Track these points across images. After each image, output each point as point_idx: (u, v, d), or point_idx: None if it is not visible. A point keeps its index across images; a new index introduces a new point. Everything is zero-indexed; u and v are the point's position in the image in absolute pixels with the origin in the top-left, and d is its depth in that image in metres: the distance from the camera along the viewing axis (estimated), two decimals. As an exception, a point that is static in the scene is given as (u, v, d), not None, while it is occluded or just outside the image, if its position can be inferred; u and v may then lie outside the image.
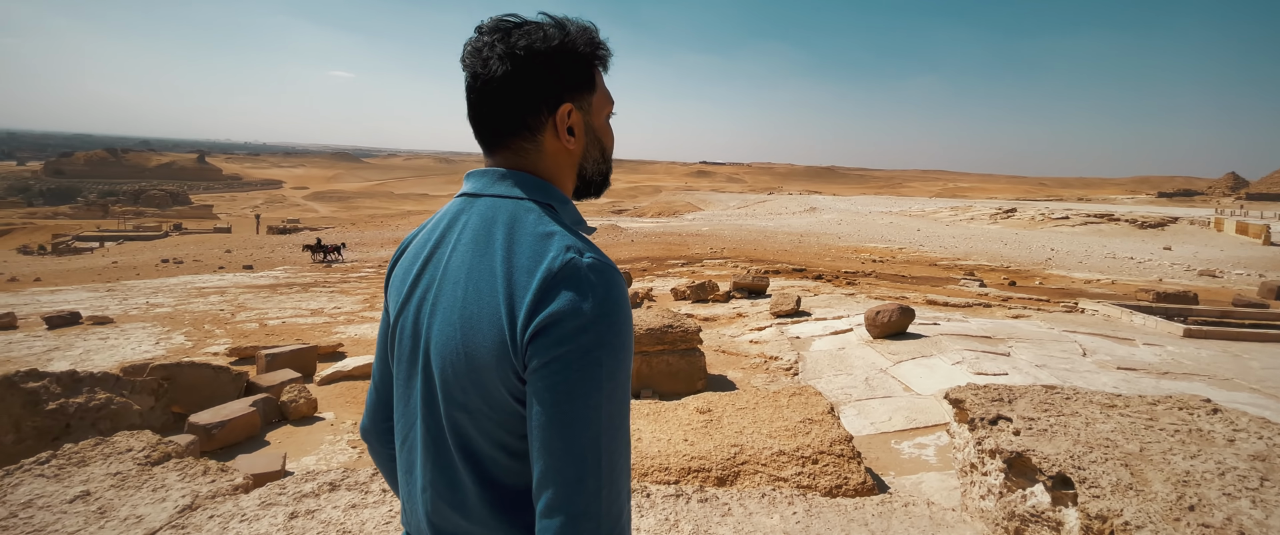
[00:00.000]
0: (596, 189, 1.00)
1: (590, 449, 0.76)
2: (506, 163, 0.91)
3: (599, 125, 0.95)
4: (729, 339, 8.54)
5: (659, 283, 15.19)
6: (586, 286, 0.77)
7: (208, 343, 9.07)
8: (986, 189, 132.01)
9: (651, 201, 64.91)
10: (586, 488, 0.75)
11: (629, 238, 29.33)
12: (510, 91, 0.86)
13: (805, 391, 4.24)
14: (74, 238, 31.29)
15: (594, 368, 0.76)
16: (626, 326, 0.79)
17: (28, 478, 1.89)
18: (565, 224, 0.86)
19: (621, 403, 0.78)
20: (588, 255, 0.80)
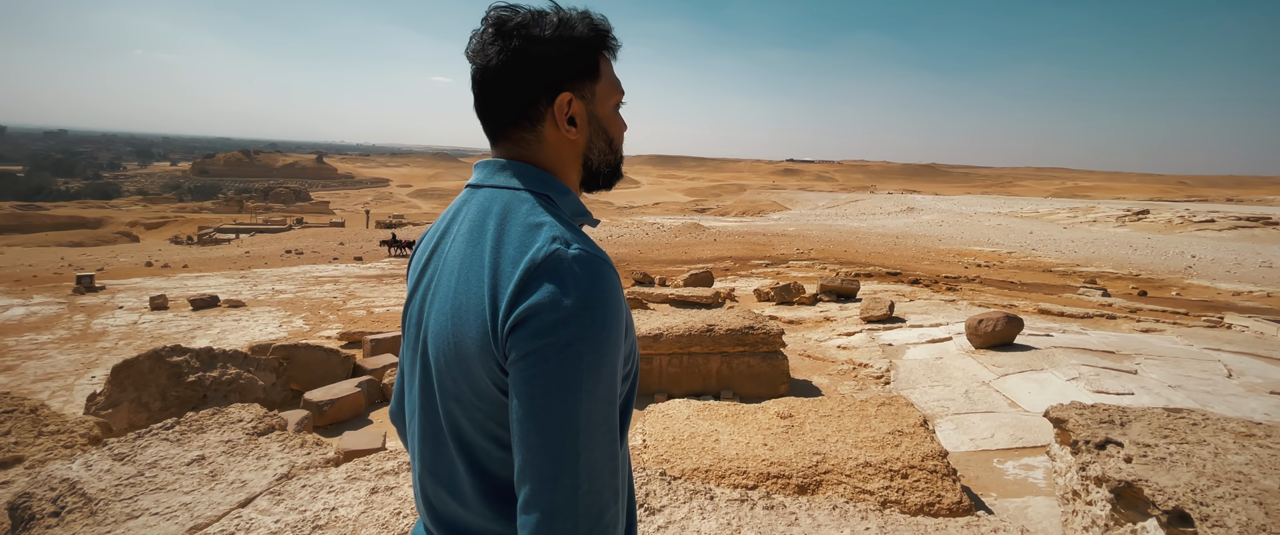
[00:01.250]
0: (605, 180, 0.97)
1: (567, 445, 0.74)
2: (508, 153, 0.90)
3: (604, 115, 0.92)
4: (815, 343, 8.25)
5: (742, 283, 14.94)
6: (569, 278, 0.75)
7: (322, 327, 9.88)
8: (1112, 188, 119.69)
9: (735, 200, 63.99)
10: (562, 484, 0.73)
11: (711, 237, 29.06)
12: (507, 82, 0.86)
13: (896, 402, 4.02)
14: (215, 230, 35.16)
15: (573, 362, 0.74)
16: (613, 321, 0.77)
17: (155, 441, 2.15)
18: (561, 216, 0.85)
19: (604, 400, 0.76)
20: (574, 246, 0.78)
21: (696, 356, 6.11)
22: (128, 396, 5.84)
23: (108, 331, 9.92)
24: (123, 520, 1.72)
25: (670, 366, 6.13)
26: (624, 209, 57.10)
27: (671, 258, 21.30)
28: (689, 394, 6.00)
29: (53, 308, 11.58)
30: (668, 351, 6.08)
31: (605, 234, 29.63)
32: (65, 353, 8.92)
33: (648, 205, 66.14)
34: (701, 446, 3.70)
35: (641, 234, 29.81)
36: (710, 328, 6.09)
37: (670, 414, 4.24)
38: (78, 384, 7.63)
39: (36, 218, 40.83)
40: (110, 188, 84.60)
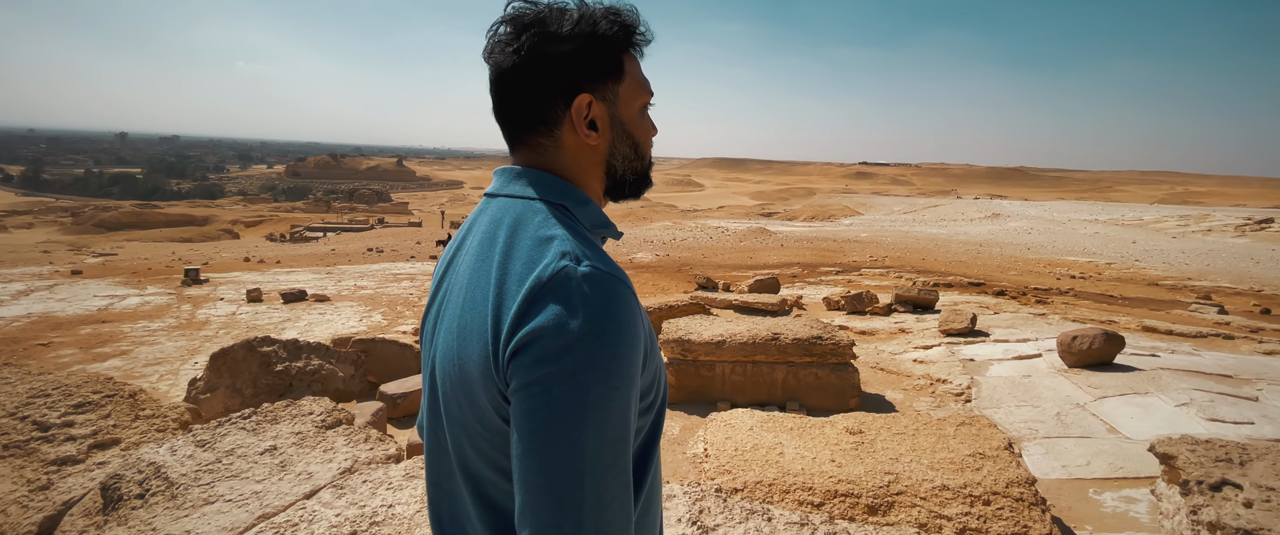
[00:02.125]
0: (632, 188, 0.89)
1: (571, 489, 0.65)
2: (525, 160, 0.84)
3: (629, 118, 0.85)
4: (888, 356, 7.88)
5: (810, 291, 14.52)
6: (577, 299, 0.67)
7: (399, 322, 10.33)
8: (1229, 194, 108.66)
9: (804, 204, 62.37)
10: (564, 533, 0.65)
11: (778, 242, 28.44)
12: (523, 84, 0.80)
13: (977, 422, 3.74)
14: (305, 228, 37.66)
15: (578, 394, 0.65)
16: (626, 348, 0.68)
17: (233, 430, 2.27)
18: (576, 228, 0.78)
19: (615, 437, 0.67)
20: (586, 263, 0.70)
21: (761, 365, 5.94)
22: (224, 382, 6.29)
23: (210, 321, 10.76)
24: (199, 505, 1.82)
25: (733, 375, 6.00)
26: (688, 212, 56.84)
27: (736, 262, 20.98)
28: (753, 403, 5.85)
29: (163, 298, 12.68)
30: (731, 359, 5.95)
31: (669, 236, 29.58)
32: (173, 339, 9.73)
33: (712, 208, 65.58)
34: (765, 459, 3.57)
35: (706, 237, 29.56)
36: (775, 336, 5.92)
37: (733, 424, 4.13)
38: (182, 369, 8.30)
39: (152, 215, 45.06)
40: (215, 188, 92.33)
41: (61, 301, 12.26)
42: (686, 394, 6.08)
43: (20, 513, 2.00)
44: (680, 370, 6.05)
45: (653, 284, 15.40)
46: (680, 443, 5.39)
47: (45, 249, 27.63)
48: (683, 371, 6.05)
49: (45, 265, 19.28)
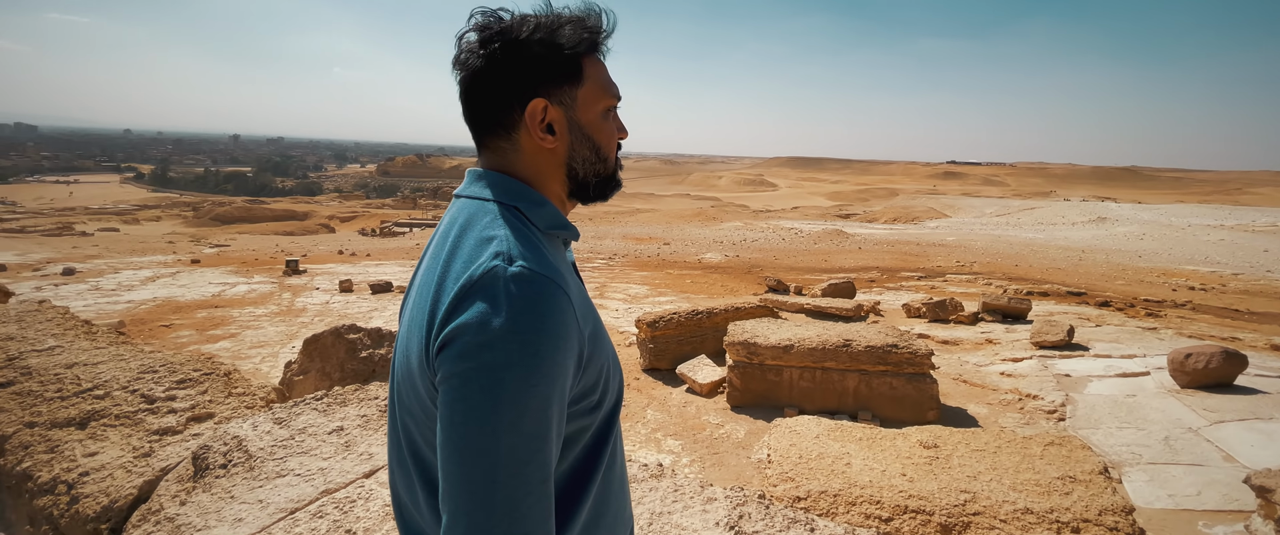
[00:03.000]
0: (597, 190, 0.91)
1: (482, 481, 0.67)
2: (488, 163, 0.87)
3: (588, 121, 0.86)
4: (973, 368, 7.42)
5: (888, 296, 13.89)
6: (503, 298, 0.69)
7: (472, 315, 10.74)
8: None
9: (885, 206, 59.68)
10: (475, 520, 0.67)
11: (855, 244, 27.38)
12: (482, 89, 0.83)
13: (1068, 442, 3.45)
14: (393, 224, 39.93)
15: (494, 390, 0.67)
16: (548, 348, 0.69)
17: (307, 410, 2.43)
18: (522, 230, 0.79)
19: (532, 435, 0.69)
20: (518, 263, 0.72)
21: (831, 372, 5.74)
22: (314, 366, 6.74)
23: (306, 308, 11.58)
24: (272, 477, 1.96)
25: (801, 380, 5.82)
26: (760, 212, 55.74)
27: (809, 265, 20.40)
28: (822, 411, 5.65)
29: (267, 286, 13.77)
30: (799, 364, 5.78)
31: (738, 237, 29.16)
32: (274, 325, 10.55)
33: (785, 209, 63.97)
34: (830, 468, 3.44)
35: (778, 239, 28.91)
36: (847, 342, 5.69)
37: (798, 431, 4.00)
38: (281, 352, 8.97)
39: (260, 210, 49.13)
40: (314, 186, 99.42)
41: (182, 287, 13.57)
42: (752, 398, 5.96)
43: (124, 476, 2.23)
44: (745, 374, 5.93)
45: (721, 285, 15.23)
46: (744, 447, 5.29)
47: (170, 240, 30.71)
48: (748, 375, 5.93)
49: (169, 254, 21.41)
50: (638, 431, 5.62)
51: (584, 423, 0.81)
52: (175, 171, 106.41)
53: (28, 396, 2.70)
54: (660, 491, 2.08)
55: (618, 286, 14.32)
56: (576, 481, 0.83)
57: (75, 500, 2.23)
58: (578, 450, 0.82)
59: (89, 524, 2.19)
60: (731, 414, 5.89)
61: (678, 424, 5.75)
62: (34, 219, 39.36)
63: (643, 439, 5.47)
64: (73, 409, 2.59)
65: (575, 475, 0.82)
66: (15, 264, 18.48)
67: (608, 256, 21.13)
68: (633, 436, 5.52)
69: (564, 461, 0.81)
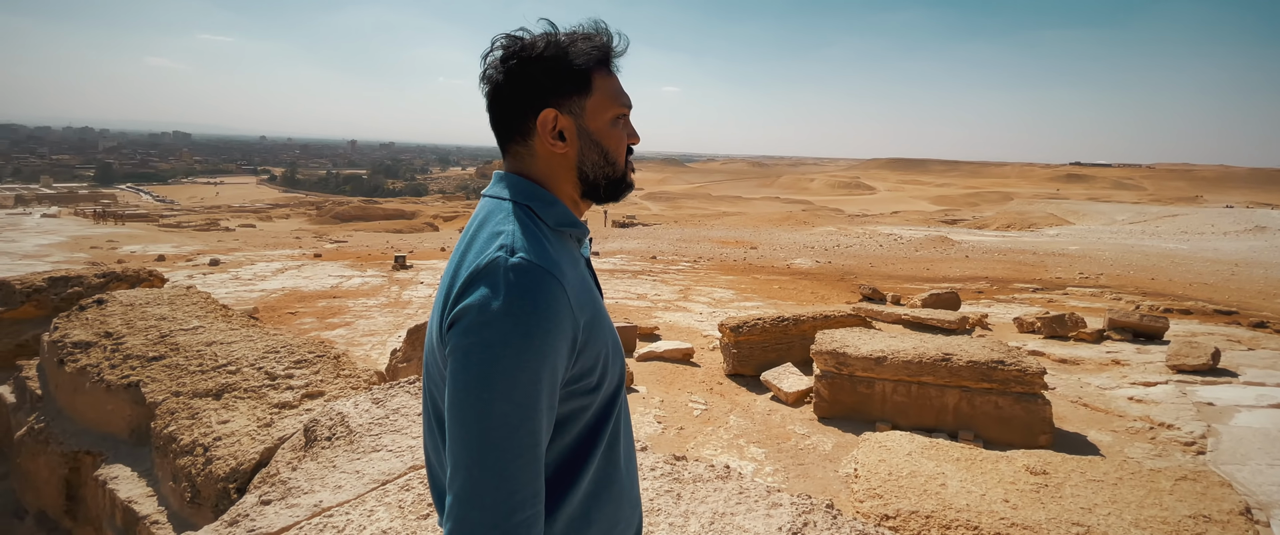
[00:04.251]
0: (607, 192, 1.00)
1: (481, 441, 0.78)
2: (509, 166, 0.98)
3: (597, 128, 0.96)
4: (1094, 391, 6.73)
5: (998, 309, 12.89)
6: (503, 284, 0.80)
7: (561, 313, 11.06)
8: None
9: (997, 211, 55.21)
10: (472, 475, 0.78)
11: (962, 252, 25.58)
12: (502, 101, 0.94)
13: (1205, 478, 3.05)
14: (492, 223, 42.12)
15: (491, 363, 0.78)
16: (538, 330, 0.79)
17: (401, 392, 2.61)
18: (531, 227, 0.88)
19: (521, 404, 0.79)
20: (519, 255, 0.82)
21: (928, 387, 5.40)
22: (417, 354, 7.21)
23: (412, 301, 12.39)
24: (368, 452, 2.12)
25: (895, 395, 5.52)
26: (855, 217, 53.28)
27: (909, 274, 19.30)
28: (917, 428, 5.33)
29: (378, 280, 14.87)
30: (892, 378, 5.48)
31: (831, 242, 28.09)
32: (383, 315, 11.37)
33: (883, 214, 60.76)
34: (923, 488, 3.23)
35: (874, 245, 27.58)
36: (946, 356, 5.33)
37: (888, 446, 3.80)
38: (388, 340, 9.65)
39: (373, 210, 53.19)
40: (421, 188, 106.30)
41: (305, 278, 14.93)
42: (841, 410, 5.73)
43: (250, 443, 2.48)
44: (834, 384, 5.71)
45: (811, 292, 14.75)
46: (831, 460, 5.09)
47: (297, 235, 33.87)
48: (837, 386, 5.70)
49: (295, 249, 23.63)
50: (719, 436, 5.56)
51: (583, 402, 0.91)
52: (302, 174, 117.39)
53: (175, 369, 3.06)
54: (725, 492, 2.05)
55: (702, 290, 14.23)
56: (575, 457, 0.92)
57: (209, 461, 2.51)
58: (578, 428, 0.92)
59: (219, 482, 2.45)
60: (818, 425, 5.69)
61: (761, 432, 5.62)
62: (187, 215, 44.75)
63: (724, 444, 5.40)
64: (210, 381, 2.92)
65: (575, 451, 0.92)
66: (172, 255, 21.10)
67: (692, 259, 21.04)
68: (714, 441, 5.46)
69: (564, 437, 0.90)
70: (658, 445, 5.36)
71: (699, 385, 6.94)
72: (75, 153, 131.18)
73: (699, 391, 6.72)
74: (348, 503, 1.93)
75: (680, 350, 7.88)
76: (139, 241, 26.13)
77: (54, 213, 37.53)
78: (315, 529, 1.80)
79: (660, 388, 6.84)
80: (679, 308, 11.87)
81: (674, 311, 11.43)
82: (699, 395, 6.58)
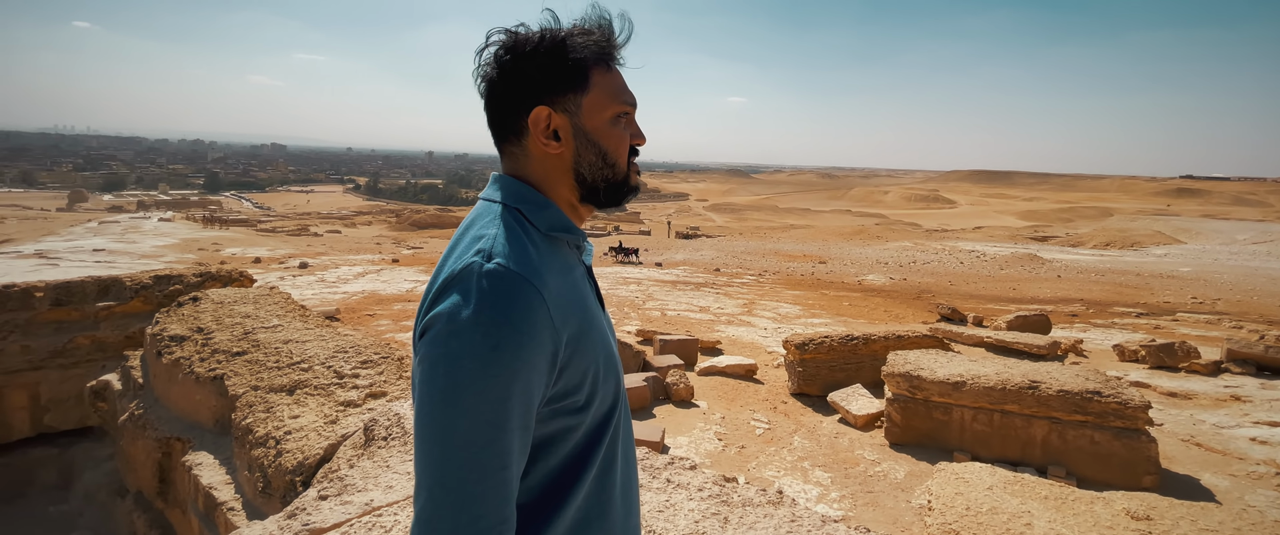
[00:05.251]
0: (607, 195, 0.92)
1: (443, 460, 0.73)
2: (504, 167, 0.93)
3: (593, 128, 0.89)
4: (1211, 429, 6.05)
5: (1096, 335, 11.89)
6: (475, 292, 0.75)
7: (624, 323, 11.05)
8: None
9: (1095, 228, 51.09)
10: (434, 498, 0.73)
11: (1053, 272, 23.81)
12: (495, 99, 0.88)
13: (1361, 542, 2.63)
14: (559, 233, 43.15)
15: (455, 375, 0.72)
16: (510, 342, 0.73)
17: None
18: (518, 230, 0.83)
19: (489, 422, 0.73)
20: (495, 261, 0.77)
21: (1013, 417, 5.00)
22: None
23: (478, 307, 12.76)
24: None
25: (975, 423, 5.15)
26: (934, 232, 50.72)
27: (993, 294, 18.14)
28: (999, 460, 4.95)
29: (450, 284, 15.42)
30: (972, 404, 5.12)
31: (907, 259, 26.85)
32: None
33: (965, 229, 57.46)
34: (1005, 527, 2.96)
35: (954, 262, 26.16)
36: (1034, 384, 4.93)
37: (966, 478, 3.52)
38: (455, 344, 9.94)
39: (448, 217, 55.53)
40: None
41: (384, 282, 15.67)
42: (914, 436, 5.40)
43: (316, 438, 2.58)
44: (907, 409, 5.40)
45: (883, 310, 14.11)
46: (903, 489, 4.80)
47: (377, 241, 35.76)
48: (910, 411, 5.38)
49: (376, 254, 24.91)
50: (783, 457, 5.35)
51: (569, 422, 0.84)
52: (383, 183, 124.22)
53: (255, 365, 3.23)
54: (775, 520, 1.93)
55: (767, 304, 13.90)
56: (561, 482, 0.85)
57: (279, 454, 2.61)
58: (565, 451, 0.85)
59: (287, 475, 2.55)
60: (889, 451, 5.38)
61: (828, 455, 5.37)
62: (282, 221, 48.15)
63: (788, 466, 5.19)
64: (285, 378, 3.05)
65: (561, 475, 0.85)
66: (267, 257, 22.71)
67: (757, 273, 20.63)
68: (777, 462, 5.26)
69: (549, 460, 0.84)
70: (717, 463, 5.21)
71: (762, 403, 6.74)
72: (188, 162, 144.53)
73: (762, 410, 6.52)
74: (397, 503, 1.95)
75: (743, 366, 7.69)
76: (239, 244, 28.32)
77: (169, 217, 41.33)
78: (365, 527, 1.82)
79: (721, 404, 6.68)
80: (742, 322, 11.64)
81: (737, 326, 11.21)
82: (762, 413, 6.38)
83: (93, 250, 21.80)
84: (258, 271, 17.06)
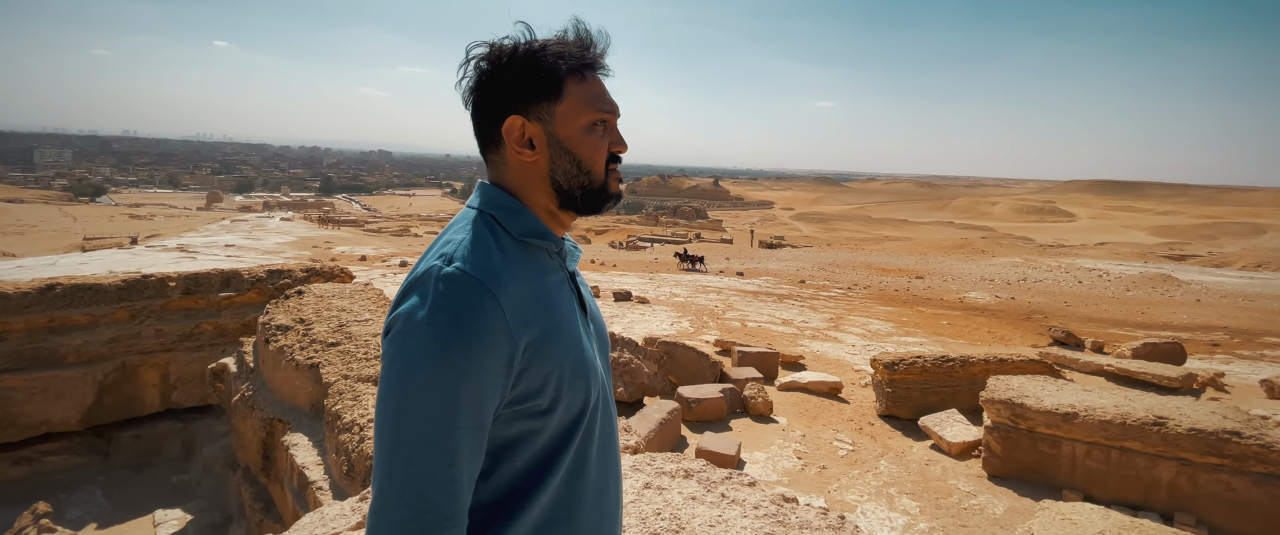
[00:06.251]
0: (584, 202, 0.93)
1: (392, 455, 0.75)
2: (489, 175, 0.95)
3: (567, 135, 0.91)
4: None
5: (1239, 368, 10.47)
6: (431, 294, 0.77)
7: (702, 332, 10.91)
8: None
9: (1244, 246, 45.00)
10: (383, 489, 0.76)
11: (1191, 295, 21.20)
12: (475, 109, 0.91)
13: None
14: (637, 239, 43.27)
15: (407, 374, 0.75)
16: (458, 343, 0.76)
17: None
18: (488, 235, 0.86)
19: (437, 421, 0.75)
20: (455, 265, 0.79)
21: (1134, 456, 4.47)
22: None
23: (560, 309, 13.03)
24: None
25: (1088, 459, 4.64)
26: (1047, 247, 46.53)
27: (1116, 317, 16.40)
28: (1117, 503, 4.42)
29: (534, 287, 15.84)
30: (1084, 438, 4.62)
31: (1016, 276, 24.83)
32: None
33: (1085, 245, 52.27)
34: (1124, 584, 2.61)
35: (1071, 281, 23.91)
36: (1160, 420, 4.37)
37: (1075, 520, 3.16)
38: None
39: (539, 222, 57.57)
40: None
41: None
42: (1016, 469, 4.95)
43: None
44: (1008, 439, 4.95)
45: (987, 331, 13.11)
46: (1002, 526, 4.40)
47: (473, 243, 37.44)
48: (1012, 442, 4.94)
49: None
50: (867, 481, 5.06)
51: (533, 425, 0.85)
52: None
53: (347, 355, 3.42)
54: None
55: (856, 320, 13.28)
56: (526, 484, 0.86)
57: (362, 440, 2.74)
58: (530, 453, 0.86)
59: (367, 460, 2.66)
60: (987, 483, 4.95)
61: (917, 483, 5.02)
62: (386, 222, 51.62)
63: (872, 491, 4.89)
64: (371, 368, 3.21)
65: (528, 477, 0.86)
66: (371, 256, 24.38)
67: (846, 286, 19.78)
68: (860, 485, 4.98)
69: (514, 461, 0.85)
70: (796, 482, 5.00)
71: (846, 423, 6.41)
72: (305, 167, 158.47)
73: (846, 430, 6.20)
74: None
75: (827, 383, 7.37)
76: (348, 243, 30.60)
77: (289, 217, 45.38)
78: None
79: (802, 421, 6.42)
80: (828, 337, 11.17)
81: (822, 341, 10.77)
82: (846, 434, 6.07)
83: (225, 245, 24.30)
84: (363, 269, 18.35)
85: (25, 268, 13.99)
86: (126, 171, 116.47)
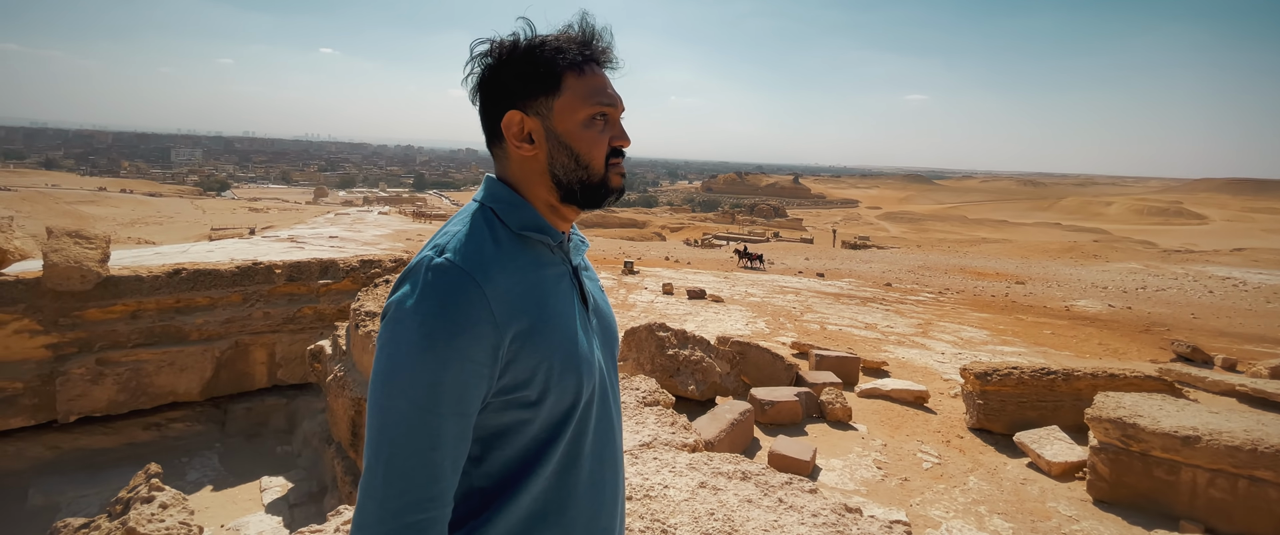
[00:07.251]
0: (584, 196, 0.94)
1: (378, 436, 0.79)
2: (495, 170, 0.97)
3: (565, 130, 0.92)
4: None
5: None
6: (421, 283, 0.81)
7: (778, 334, 10.64)
8: None
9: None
10: (370, 468, 0.78)
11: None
12: (480, 105, 0.94)
13: None
14: (713, 237, 42.91)
15: (395, 359, 0.79)
16: (443, 332, 0.78)
17: None
18: (485, 227, 0.88)
19: (420, 406, 0.78)
20: (445, 256, 0.82)
21: (1265, 486, 3.95)
22: (632, 355, 7.53)
23: (635, 304, 13.10)
24: None
25: (1210, 488, 4.15)
26: (1171, 252, 41.90)
27: (1254, 332, 14.54)
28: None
29: (609, 282, 16.05)
30: (1208, 465, 4.12)
31: (1133, 284, 22.54)
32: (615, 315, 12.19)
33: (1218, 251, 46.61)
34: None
35: (1198, 290, 21.45)
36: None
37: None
38: (610, 339, 10.30)
39: (610, 218, 58.20)
40: (651, 200, 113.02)
41: (552, 276, 16.79)
42: (1126, 495, 4.50)
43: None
44: (1117, 462, 4.50)
45: (1097, 343, 12.00)
46: (1107, 556, 3.99)
47: (552, 238, 38.40)
48: (1122, 465, 4.49)
49: (549, 249, 26.73)
50: (953, 497, 4.75)
51: (522, 416, 0.86)
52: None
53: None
54: None
55: (947, 326, 12.52)
56: (518, 472, 0.88)
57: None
58: (521, 442, 0.88)
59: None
60: (1092, 508, 4.53)
61: (1011, 503, 4.66)
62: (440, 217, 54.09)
63: (960, 508, 4.59)
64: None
65: (519, 466, 0.88)
66: (459, 248, 25.47)
67: (937, 291, 18.67)
68: (945, 501, 4.69)
69: (505, 449, 0.87)
70: (875, 493, 4.77)
71: (932, 435, 6.05)
72: (401, 164, 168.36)
73: (932, 442, 5.85)
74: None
75: (912, 392, 6.99)
76: (438, 236, 32.17)
77: (386, 211, 48.28)
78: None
79: (883, 430, 6.12)
80: (915, 344, 10.60)
81: (908, 347, 10.23)
82: (931, 446, 5.73)
83: (329, 236, 26.17)
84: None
85: (163, 254, 15.70)
86: (246, 168, 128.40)
